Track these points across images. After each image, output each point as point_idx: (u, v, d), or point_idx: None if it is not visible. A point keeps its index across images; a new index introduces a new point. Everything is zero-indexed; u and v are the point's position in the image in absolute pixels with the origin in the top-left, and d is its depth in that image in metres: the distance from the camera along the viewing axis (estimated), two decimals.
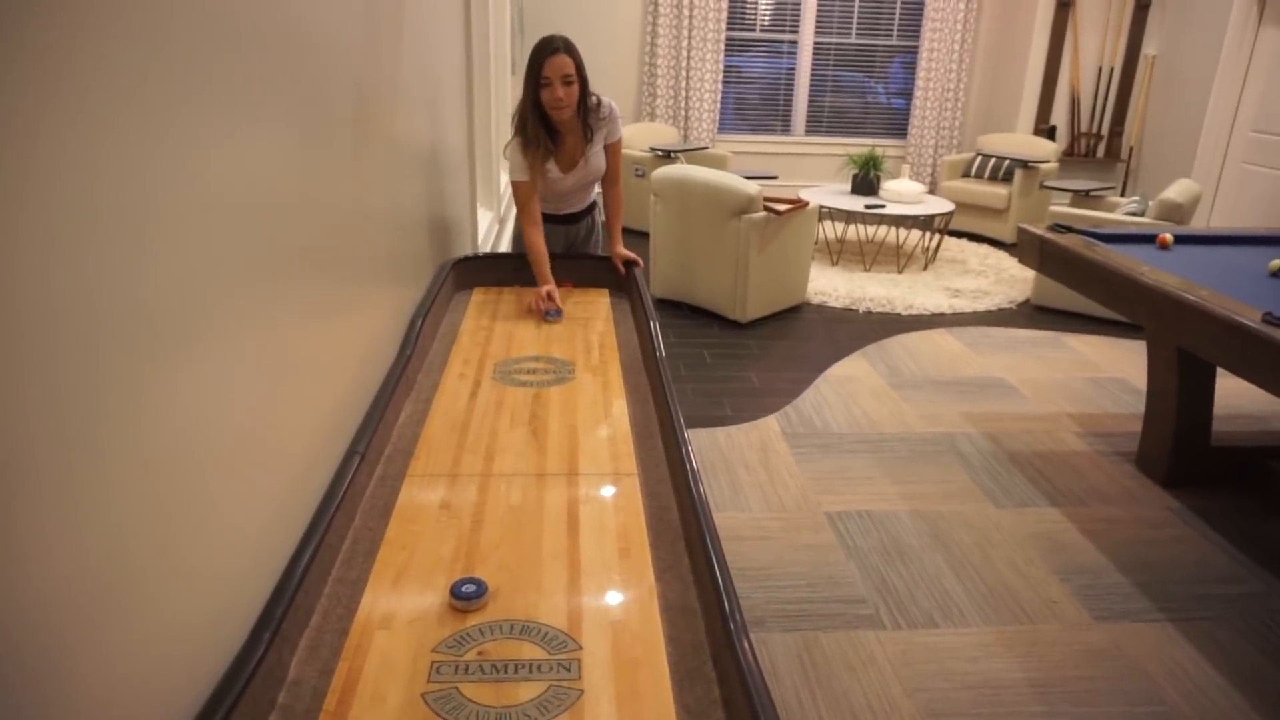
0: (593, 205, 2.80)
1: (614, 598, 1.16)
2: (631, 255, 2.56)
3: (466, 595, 1.12)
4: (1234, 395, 3.53)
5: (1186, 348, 2.44)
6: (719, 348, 3.98)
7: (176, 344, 0.87)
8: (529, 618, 1.11)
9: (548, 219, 2.67)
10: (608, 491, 1.43)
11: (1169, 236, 3.00)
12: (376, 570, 1.21)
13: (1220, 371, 2.95)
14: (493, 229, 4.00)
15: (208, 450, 0.94)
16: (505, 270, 2.56)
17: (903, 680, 1.95)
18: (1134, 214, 4.52)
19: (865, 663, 2.00)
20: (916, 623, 2.15)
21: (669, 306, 4.44)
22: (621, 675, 1.02)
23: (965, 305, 4.71)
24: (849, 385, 3.60)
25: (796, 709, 1.84)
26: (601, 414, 1.73)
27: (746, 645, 0.99)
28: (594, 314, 2.35)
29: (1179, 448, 2.83)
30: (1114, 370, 3.87)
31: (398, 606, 1.13)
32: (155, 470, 0.83)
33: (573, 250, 2.78)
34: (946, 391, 3.57)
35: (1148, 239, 3.05)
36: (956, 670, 2.00)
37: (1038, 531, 2.57)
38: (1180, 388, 2.78)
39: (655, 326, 2.03)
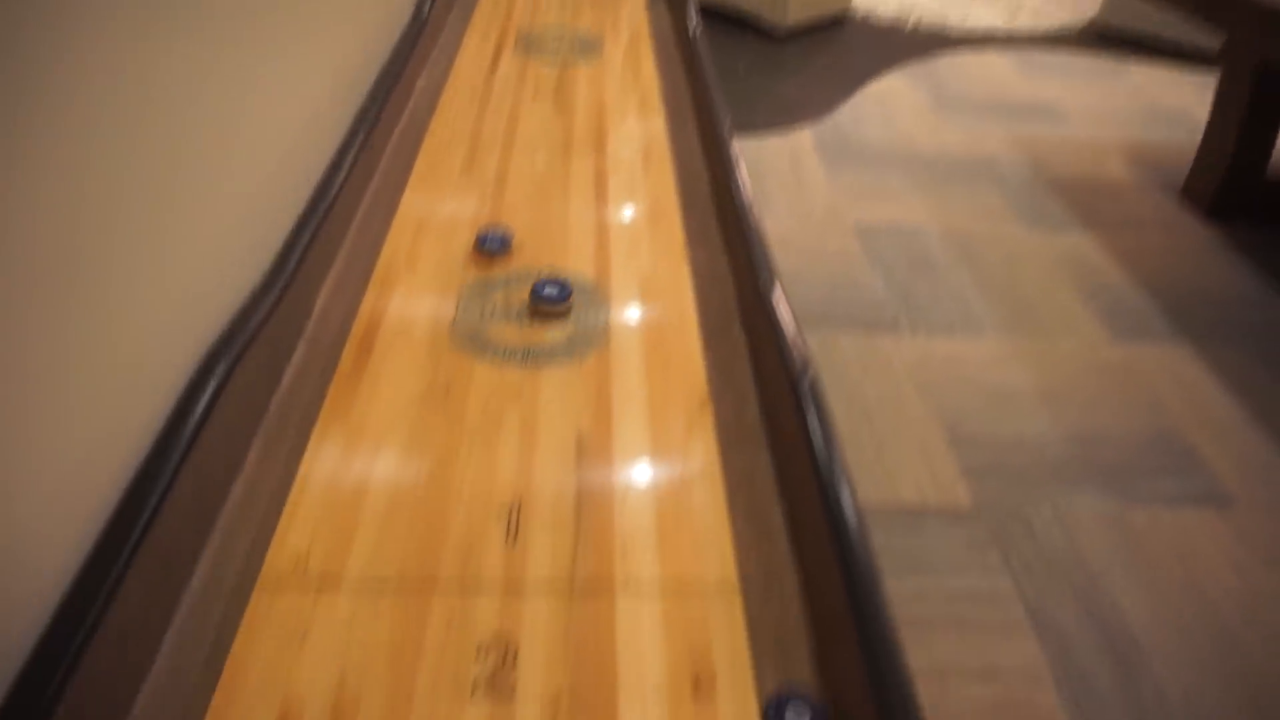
0: None
1: (642, 256, 1.13)
2: None
3: (492, 246, 1.09)
4: None
5: (1272, 60, 2.24)
6: (754, 59, 3.72)
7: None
8: (556, 268, 1.09)
9: None
10: (637, 161, 1.36)
11: None
12: (398, 220, 1.18)
13: None
14: None
15: (212, 105, 0.86)
16: None
17: (916, 382, 1.99)
18: None
19: (881, 365, 2.03)
20: (935, 331, 2.16)
21: (701, 15, 4.10)
22: (649, 326, 1.01)
23: (1025, 24, 4.33)
24: (889, 102, 3.39)
25: None
26: (631, 88, 1.62)
27: (778, 298, 0.97)
28: None
29: (1231, 178, 2.70)
30: (1175, 102, 3.62)
31: (422, 253, 1.11)
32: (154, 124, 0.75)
33: None
34: (991, 114, 3.37)
35: None
36: (969, 376, 2.03)
37: (1068, 255, 2.52)
38: (1248, 113, 2.59)
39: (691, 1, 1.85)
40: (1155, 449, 1.89)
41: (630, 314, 1.02)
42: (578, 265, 1.09)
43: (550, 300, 0.99)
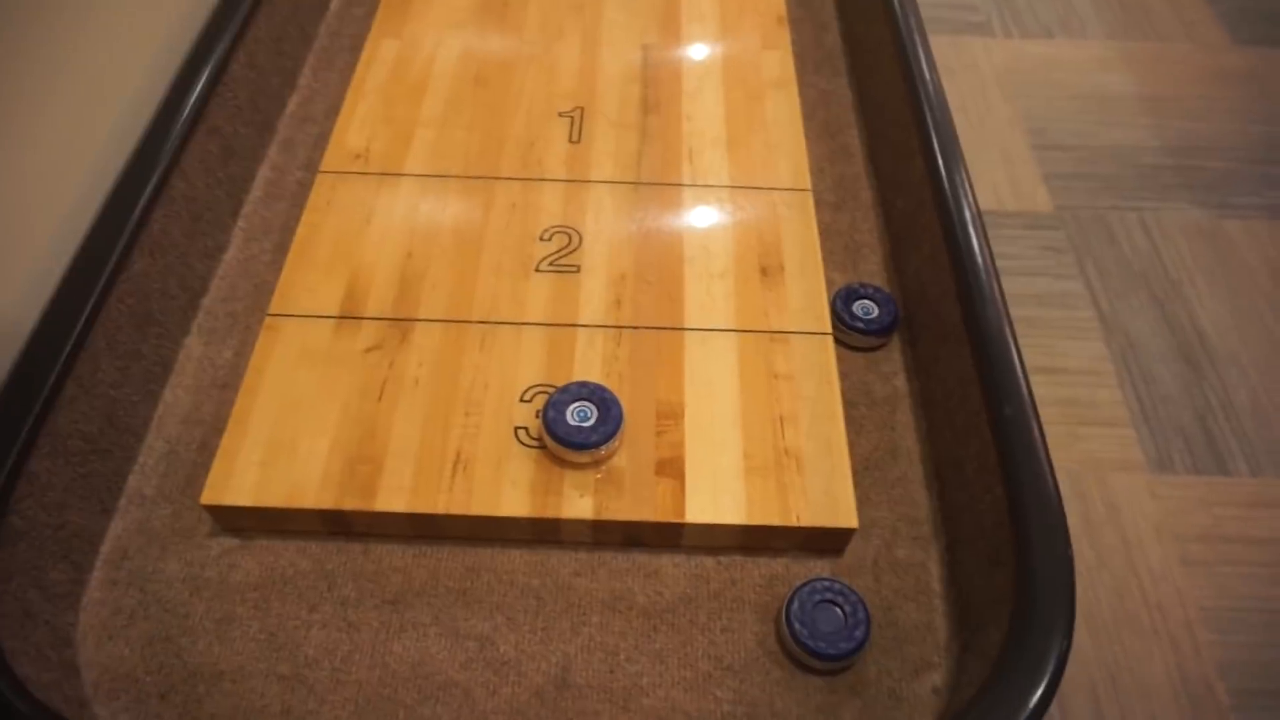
0: None
1: None
2: None
3: None
4: None
5: None
6: None
7: None
8: None
9: None
10: None
11: None
12: None
13: None
14: None
15: None
16: None
17: (1003, 85, 1.84)
18: None
19: (967, 67, 1.88)
20: (1031, 33, 1.97)
21: None
22: None
23: None
24: None
25: None
26: None
27: None
28: None
29: None
30: None
31: None
32: None
33: None
34: None
35: None
36: (1064, 81, 1.87)
37: None
38: None
39: None
40: (1264, 159, 1.75)
41: None
42: None
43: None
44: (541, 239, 0.64)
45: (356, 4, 0.87)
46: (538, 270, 0.62)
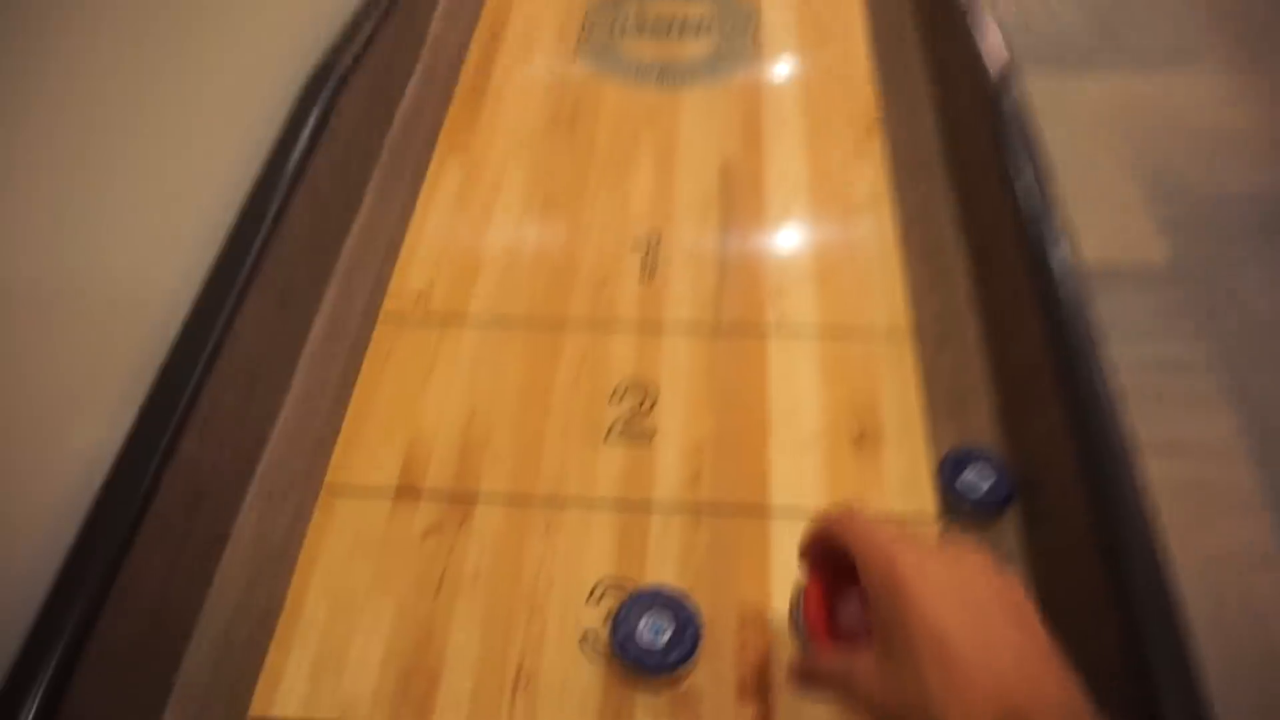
0: None
1: None
2: None
3: None
4: None
5: None
6: None
7: None
8: None
9: None
10: None
11: None
12: None
13: None
14: None
15: None
16: None
17: (1112, 127, 1.72)
18: None
19: (1071, 108, 1.76)
20: (1140, 66, 1.83)
21: None
22: (806, 39, 0.85)
23: None
24: None
25: None
26: None
27: None
28: None
29: None
30: None
31: None
32: None
33: None
34: None
35: None
36: (1179, 119, 1.74)
37: None
38: None
39: None
40: None
41: (784, 25, 0.86)
42: None
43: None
44: (611, 400, 0.59)
45: (420, 120, 0.84)
46: (607, 440, 0.57)
